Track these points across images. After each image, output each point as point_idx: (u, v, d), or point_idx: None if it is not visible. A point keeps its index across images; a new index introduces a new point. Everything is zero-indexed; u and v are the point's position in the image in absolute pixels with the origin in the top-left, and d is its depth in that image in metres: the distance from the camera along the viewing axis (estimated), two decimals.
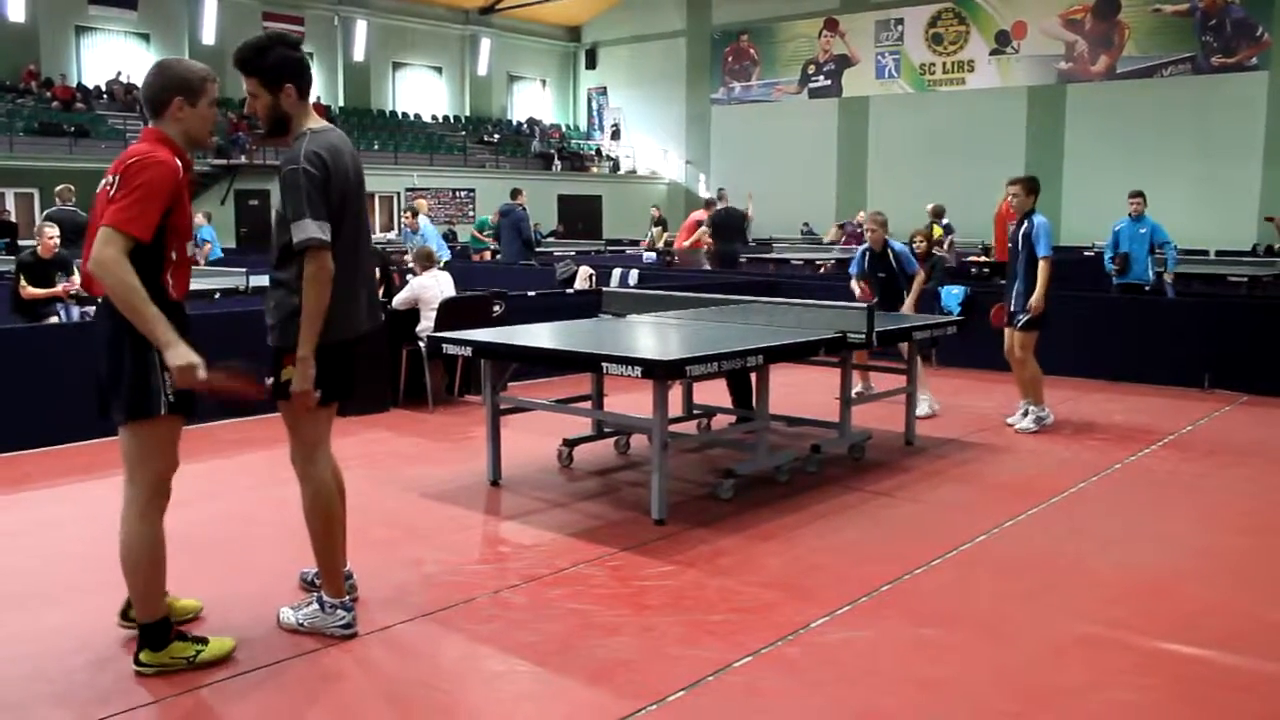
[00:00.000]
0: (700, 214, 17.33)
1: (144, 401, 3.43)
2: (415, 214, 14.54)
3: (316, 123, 3.90)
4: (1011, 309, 7.76)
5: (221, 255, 17.19)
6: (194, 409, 3.61)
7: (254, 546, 5.16)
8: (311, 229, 3.65)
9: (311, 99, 4.00)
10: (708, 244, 16.63)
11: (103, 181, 3.39)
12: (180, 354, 3.34)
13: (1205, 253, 18.79)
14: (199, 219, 16.58)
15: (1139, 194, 11.33)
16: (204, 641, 3.69)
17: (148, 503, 3.54)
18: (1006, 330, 7.93)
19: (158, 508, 3.57)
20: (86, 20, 28.39)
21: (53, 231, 9.87)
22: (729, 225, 16.41)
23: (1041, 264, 7.51)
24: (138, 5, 28.77)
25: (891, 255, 8.52)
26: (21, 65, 26.82)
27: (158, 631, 3.59)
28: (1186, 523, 5.65)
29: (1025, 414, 7.95)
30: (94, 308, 3.50)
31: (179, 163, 3.44)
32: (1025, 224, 7.70)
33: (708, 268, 16.26)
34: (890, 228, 8.60)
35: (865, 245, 8.67)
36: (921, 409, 8.07)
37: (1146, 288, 11.20)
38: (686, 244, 17.08)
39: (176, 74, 3.52)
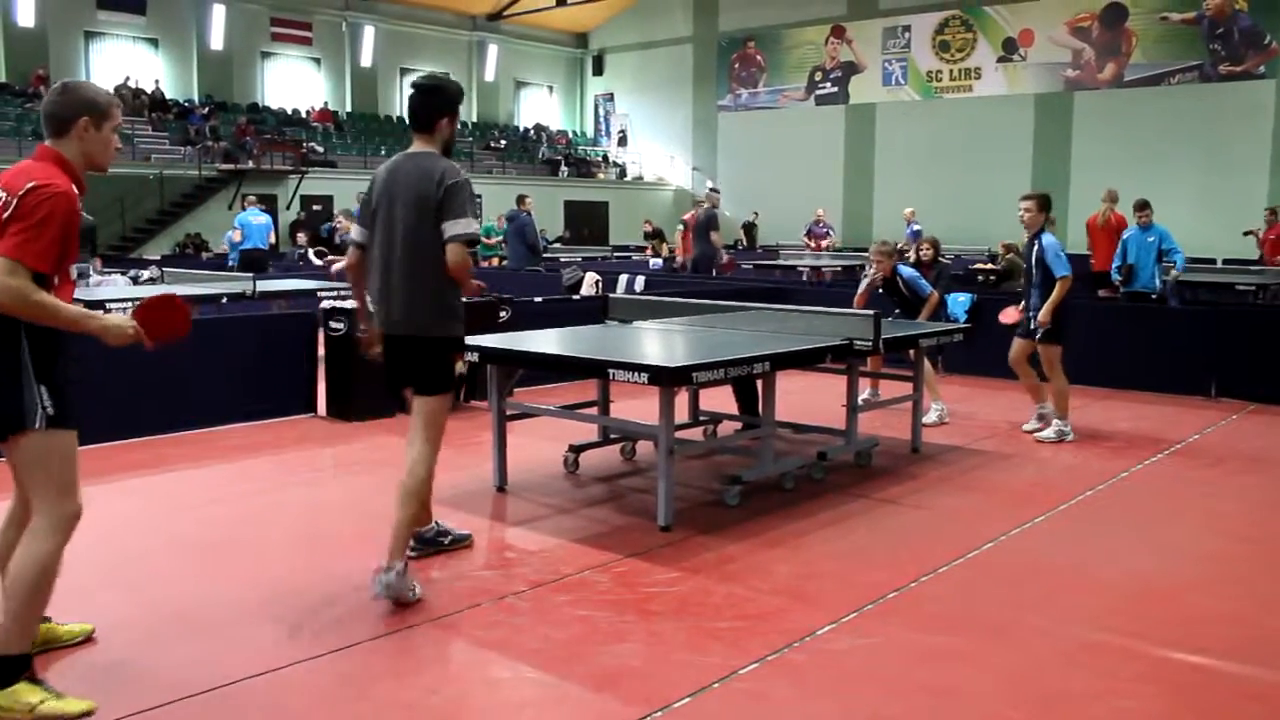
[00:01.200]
0: (689, 216, 17.15)
1: (19, 415, 3.30)
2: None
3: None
4: (1031, 326, 7.75)
5: (266, 245, 16.75)
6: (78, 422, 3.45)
7: (257, 551, 5.16)
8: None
9: (319, 105, 4.20)
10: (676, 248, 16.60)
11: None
12: (106, 322, 3.37)
13: (1212, 261, 18.74)
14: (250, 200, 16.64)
15: (1144, 205, 11.33)
16: (56, 695, 3.36)
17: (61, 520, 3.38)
18: (1015, 340, 7.94)
19: (69, 529, 3.41)
20: (95, 25, 28.48)
21: None
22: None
23: (1060, 282, 7.51)
24: (146, 10, 28.86)
25: (901, 282, 8.54)
26: (31, 69, 26.91)
27: (14, 667, 3.33)
28: (1192, 531, 5.64)
29: (1040, 418, 8.04)
30: None
31: (75, 190, 3.38)
32: (1035, 245, 7.72)
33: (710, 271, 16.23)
34: (897, 233, 8.62)
35: (875, 272, 8.67)
36: (930, 417, 8.07)
37: (1153, 295, 11.20)
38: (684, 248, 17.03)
39: (85, 94, 3.47)
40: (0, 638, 3.33)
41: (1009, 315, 8.10)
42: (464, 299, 4.61)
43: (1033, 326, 7.70)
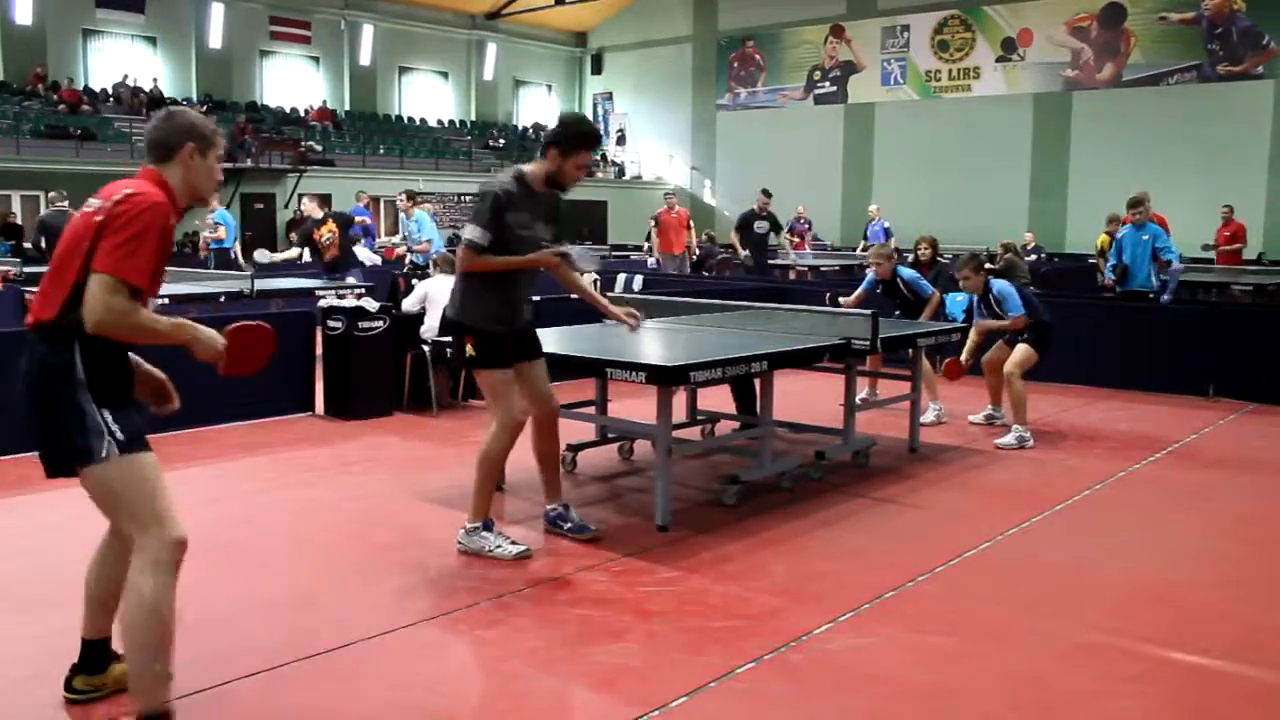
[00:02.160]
0: (662, 211, 17.22)
1: (84, 449, 3.05)
2: (412, 198, 14.25)
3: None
4: (1023, 338, 7.79)
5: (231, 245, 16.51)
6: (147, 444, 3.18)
7: (255, 550, 5.16)
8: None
9: (318, 104, 4.29)
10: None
11: (90, 206, 3.13)
12: (199, 333, 3.23)
13: (1210, 261, 18.75)
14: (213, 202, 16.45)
15: (1136, 203, 11.28)
16: None
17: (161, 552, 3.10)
18: (1000, 343, 7.98)
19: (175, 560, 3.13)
20: (94, 23, 28.47)
21: None
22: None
23: (1020, 319, 7.64)
24: (145, 9, 28.86)
25: (902, 283, 8.55)
26: (29, 68, 26.90)
27: None
28: (1190, 531, 5.64)
29: (988, 418, 8.16)
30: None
31: (170, 206, 3.22)
32: (989, 296, 7.80)
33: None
34: (895, 231, 8.65)
35: (873, 275, 8.68)
36: (928, 416, 8.07)
37: (1150, 294, 11.19)
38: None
39: (192, 120, 3.33)
40: (133, 689, 3.16)
41: (951, 370, 8.07)
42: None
43: (1022, 337, 7.71)
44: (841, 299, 8.92)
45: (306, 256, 12.94)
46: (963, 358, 8.05)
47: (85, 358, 3.05)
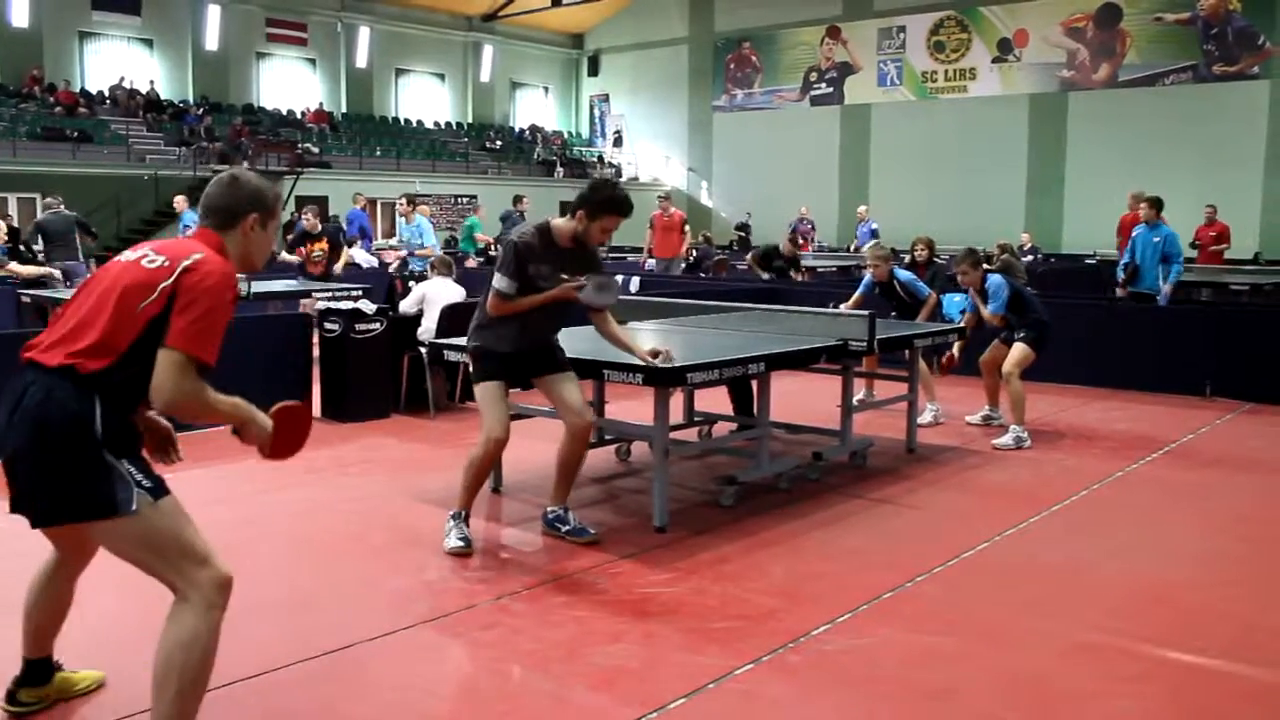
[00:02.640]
0: (656, 214, 17.04)
1: (109, 502, 2.89)
2: (412, 203, 14.24)
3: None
4: (1018, 336, 7.78)
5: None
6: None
7: (254, 552, 5.15)
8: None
9: (315, 106, 4.30)
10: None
11: (146, 258, 2.97)
12: (256, 417, 3.15)
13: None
14: (180, 202, 16.10)
15: (1147, 200, 11.23)
16: None
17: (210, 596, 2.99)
18: (996, 343, 7.98)
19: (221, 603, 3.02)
20: (90, 26, 28.46)
21: None
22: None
23: (996, 317, 7.70)
24: (141, 11, 28.86)
25: (899, 285, 8.55)
26: (25, 70, 26.88)
27: None
28: (1188, 531, 5.65)
29: (984, 418, 8.19)
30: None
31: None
32: (985, 291, 7.82)
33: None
34: (891, 233, 8.65)
35: (871, 277, 8.69)
36: (925, 417, 8.08)
37: (1157, 297, 11.18)
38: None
39: (256, 188, 3.18)
40: None
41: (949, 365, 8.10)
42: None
43: (1019, 336, 7.70)
44: (841, 306, 8.92)
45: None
46: (954, 350, 8.05)
47: (106, 407, 2.89)
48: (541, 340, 5.27)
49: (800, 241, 20.27)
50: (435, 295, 8.62)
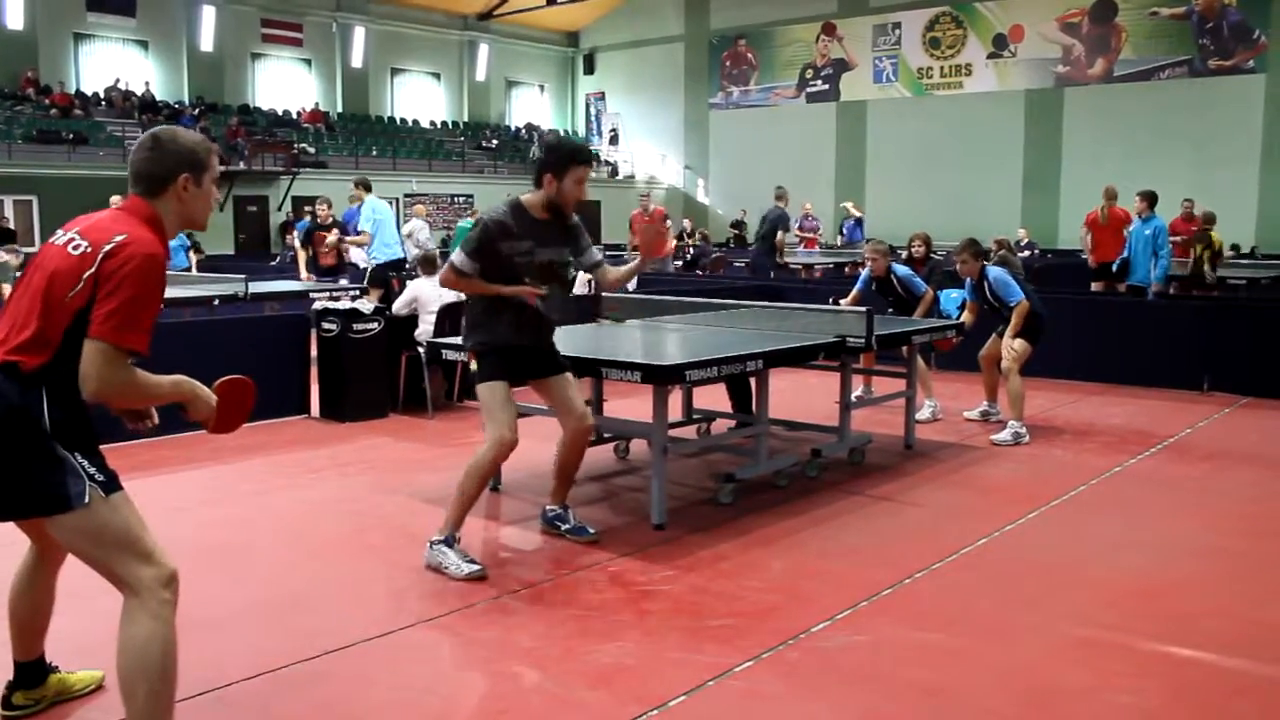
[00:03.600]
0: (636, 212, 16.74)
1: (61, 496, 2.83)
2: (365, 187, 13.02)
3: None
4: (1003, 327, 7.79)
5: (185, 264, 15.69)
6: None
7: (252, 553, 5.16)
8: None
9: (311, 106, 4.22)
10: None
11: (72, 243, 2.85)
12: (199, 390, 3.05)
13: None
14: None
15: (1141, 194, 11.28)
16: None
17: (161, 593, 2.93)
18: (994, 337, 7.96)
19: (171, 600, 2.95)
20: (85, 27, 28.43)
21: None
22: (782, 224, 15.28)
23: (1018, 308, 7.55)
24: (136, 12, 28.81)
25: (896, 280, 8.54)
26: (20, 72, 26.85)
27: None
28: (1186, 526, 5.65)
29: (984, 415, 8.19)
30: None
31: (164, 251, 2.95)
32: (984, 283, 7.74)
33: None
34: (887, 229, 8.65)
35: (868, 272, 8.68)
36: (924, 413, 8.08)
37: (1149, 290, 11.21)
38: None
39: (181, 146, 3.01)
40: None
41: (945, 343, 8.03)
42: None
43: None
44: (841, 301, 8.92)
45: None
46: (954, 339, 8.03)
47: (52, 400, 2.81)
48: (538, 339, 5.11)
49: (809, 238, 20.36)
50: (426, 296, 8.60)
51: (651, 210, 17.00)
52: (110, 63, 28.83)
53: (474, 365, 4.98)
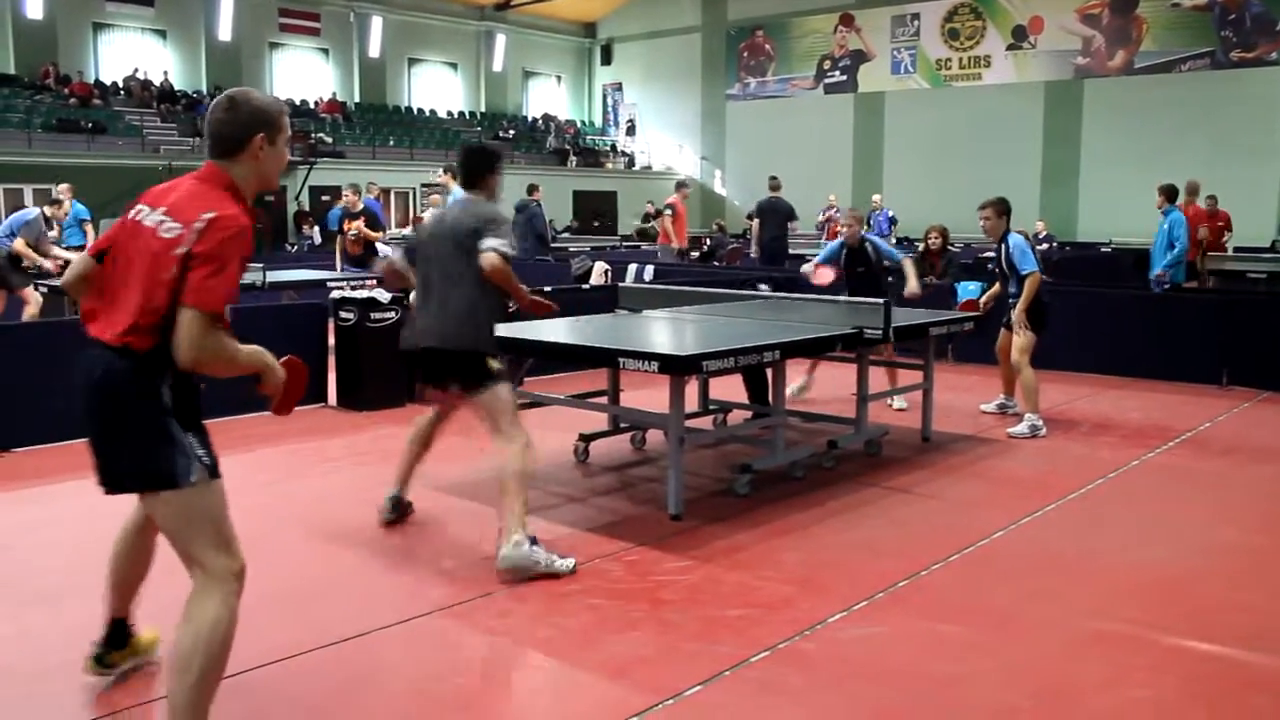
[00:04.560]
0: (673, 199, 16.79)
1: (170, 474, 2.97)
2: (454, 174, 13.40)
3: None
4: (1010, 317, 7.77)
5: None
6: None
7: (268, 541, 5.18)
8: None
9: (328, 96, 4.25)
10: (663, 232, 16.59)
11: (162, 224, 2.92)
12: (271, 361, 3.19)
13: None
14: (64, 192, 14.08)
15: (1161, 188, 11.24)
16: None
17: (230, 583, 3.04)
18: (1003, 330, 7.96)
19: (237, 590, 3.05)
20: (104, 17, 28.52)
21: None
22: (776, 214, 15.23)
23: (1029, 278, 7.53)
24: (154, 2, 28.89)
25: (870, 248, 8.44)
26: (40, 62, 26.96)
27: None
28: (1203, 520, 5.63)
29: (1000, 408, 8.21)
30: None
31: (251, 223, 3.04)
32: (1003, 247, 7.72)
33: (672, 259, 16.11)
34: (904, 221, 8.64)
35: (841, 241, 8.58)
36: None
37: (1166, 284, 11.16)
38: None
39: (257, 107, 3.07)
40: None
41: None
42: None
43: (1011, 318, 7.69)
44: (805, 266, 8.83)
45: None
46: (982, 300, 8.04)
47: (169, 381, 2.95)
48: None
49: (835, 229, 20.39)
50: None
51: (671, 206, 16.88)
52: (129, 52, 28.92)
53: (495, 365, 4.91)
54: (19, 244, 10.66)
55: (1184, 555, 5.04)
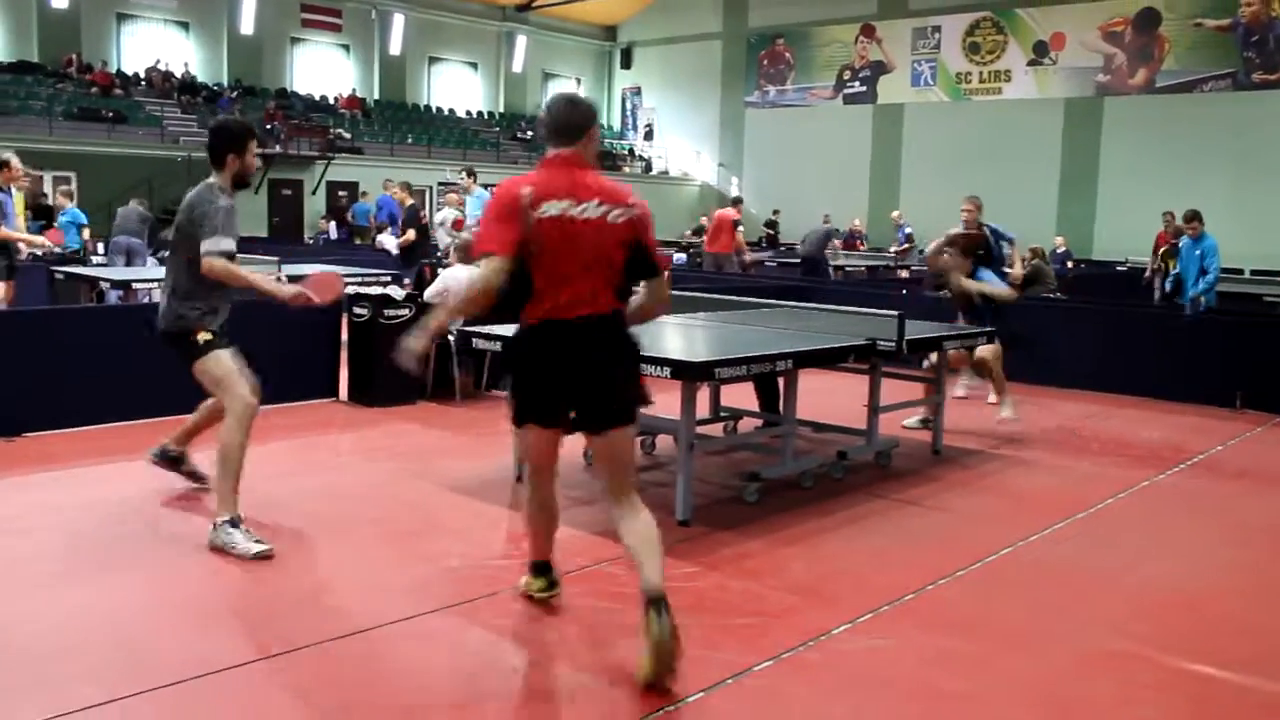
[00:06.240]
0: (732, 213, 17.12)
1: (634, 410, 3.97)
2: (473, 175, 14.04)
3: None
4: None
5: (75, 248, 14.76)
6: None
7: (281, 535, 5.18)
8: None
9: (348, 92, 4.43)
10: (743, 246, 16.75)
11: (607, 212, 3.73)
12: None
13: (1240, 271, 18.58)
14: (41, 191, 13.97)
15: (1193, 216, 11.28)
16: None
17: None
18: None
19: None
20: (127, 8, 28.69)
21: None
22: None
23: (1015, 247, 8.25)
24: None
25: (988, 231, 8.80)
26: (63, 51, 27.13)
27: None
28: (1214, 541, 5.60)
29: (967, 386, 8.84)
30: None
31: None
32: (980, 228, 8.35)
33: (738, 270, 16.20)
34: (920, 233, 8.78)
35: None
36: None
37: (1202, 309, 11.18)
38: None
39: (590, 105, 3.95)
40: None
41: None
42: None
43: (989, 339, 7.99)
44: (927, 248, 9.21)
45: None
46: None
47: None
48: None
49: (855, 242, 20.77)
50: (459, 285, 8.61)
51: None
52: (151, 43, 29.07)
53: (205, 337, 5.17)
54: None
55: (1195, 576, 5.01)
